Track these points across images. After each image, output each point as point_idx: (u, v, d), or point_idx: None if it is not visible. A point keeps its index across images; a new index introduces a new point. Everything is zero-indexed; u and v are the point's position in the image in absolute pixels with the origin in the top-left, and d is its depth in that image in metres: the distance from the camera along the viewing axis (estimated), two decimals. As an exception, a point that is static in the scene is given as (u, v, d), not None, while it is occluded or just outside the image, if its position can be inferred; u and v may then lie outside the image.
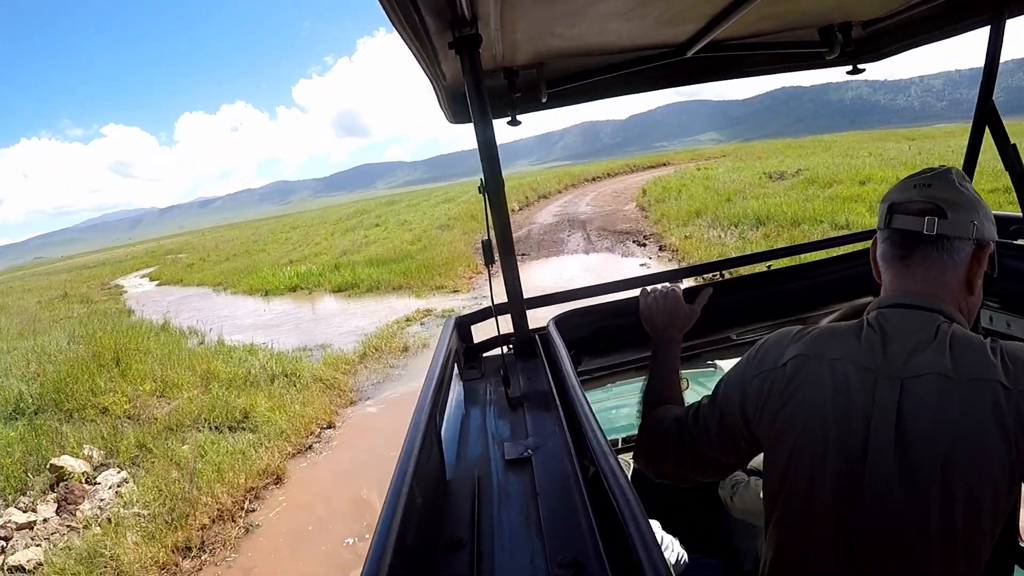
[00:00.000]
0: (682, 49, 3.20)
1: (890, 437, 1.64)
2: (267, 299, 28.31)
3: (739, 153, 70.83)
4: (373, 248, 36.50)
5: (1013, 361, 1.61)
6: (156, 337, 19.40)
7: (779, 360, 1.90)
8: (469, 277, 24.38)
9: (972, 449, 1.56)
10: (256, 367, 14.50)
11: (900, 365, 1.69)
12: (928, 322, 1.74)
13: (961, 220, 1.79)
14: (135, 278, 53.10)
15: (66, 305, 37.04)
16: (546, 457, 2.03)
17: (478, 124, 2.57)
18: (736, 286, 3.33)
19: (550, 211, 41.71)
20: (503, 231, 2.77)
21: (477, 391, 2.75)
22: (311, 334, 19.23)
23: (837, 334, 1.86)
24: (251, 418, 11.69)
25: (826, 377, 1.78)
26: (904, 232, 1.85)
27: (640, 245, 25.40)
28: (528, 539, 1.63)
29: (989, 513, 1.60)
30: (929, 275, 1.83)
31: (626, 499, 1.30)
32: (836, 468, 1.72)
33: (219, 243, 72.79)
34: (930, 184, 1.84)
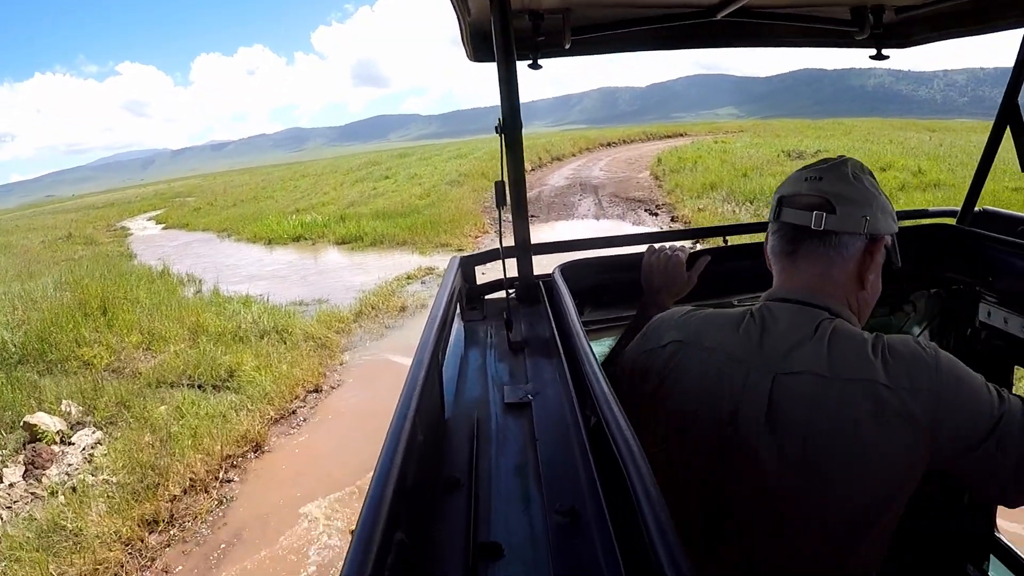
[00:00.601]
0: (713, 11, 3.13)
1: (758, 429, 1.67)
2: (270, 248, 27.95)
3: (757, 129, 70.33)
4: (381, 201, 36.11)
5: (895, 357, 1.61)
6: (151, 285, 19.03)
7: (661, 340, 1.98)
8: (475, 236, 23.96)
9: (847, 447, 1.57)
10: (247, 321, 14.01)
11: (776, 360, 1.71)
12: (810, 317, 1.75)
13: (851, 215, 1.79)
14: (142, 220, 52.55)
15: (69, 246, 36.59)
16: (545, 403, 2.04)
17: (501, 63, 2.59)
18: (738, 254, 3.26)
19: (562, 174, 41.07)
20: (517, 174, 2.79)
21: (478, 332, 2.79)
22: (309, 287, 18.85)
23: (718, 322, 1.90)
24: (236, 377, 11.19)
25: (698, 364, 1.84)
26: (792, 226, 1.85)
27: (652, 214, 25.00)
28: (525, 484, 1.64)
29: (876, 506, 1.62)
30: (815, 271, 1.84)
31: (629, 449, 1.26)
32: (705, 454, 1.78)
33: (228, 188, 72.46)
34: (821, 177, 1.85)
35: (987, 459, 1.55)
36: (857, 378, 1.59)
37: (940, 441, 1.56)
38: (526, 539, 1.47)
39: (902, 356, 1.61)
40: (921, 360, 1.60)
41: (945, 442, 1.56)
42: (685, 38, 3.45)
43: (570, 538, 1.44)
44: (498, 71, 2.61)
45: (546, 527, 1.48)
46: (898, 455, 1.57)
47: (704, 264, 2.78)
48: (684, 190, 27.81)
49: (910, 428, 1.55)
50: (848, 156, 1.94)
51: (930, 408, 1.55)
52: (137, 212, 60.99)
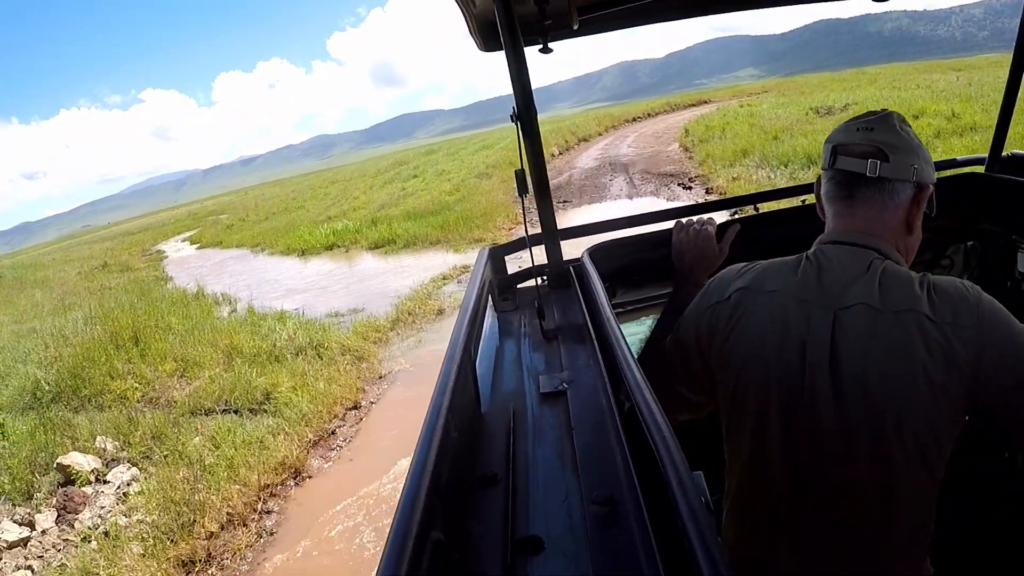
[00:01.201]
0: None
1: (824, 362, 1.71)
2: (303, 259, 27.75)
3: (781, 88, 70.26)
4: (411, 201, 35.93)
5: (939, 294, 1.67)
6: (185, 308, 18.75)
7: (724, 293, 2.01)
8: (508, 228, 23.60)
9: (901, 376, 1.63)
10: (282, 339, 13.62)
11: (833, 296, 1.77)
12: (862, 258, 1.82)
13: (902, 163, 1.86)
14: (176, 242, 53.04)
15: (105, 275, 36.57)
16: (581, 391, 2.03)
17: (509, 51, 2.57)
18: (769, 221, 3.29)
19: (591, 155, 40.71)
20: (536, 160, 2.77)
21: (511, 323, 2.77)
22: (345, 297, 18.51)
23: (777, 268, 1.96)
24: (272, 399, 10.77)
25: (764, 308, 1.88)
26: (848, 173, 1.91)
27: (685, 188, 24.44)
28: (563, 475, 1.63)
29: (929, 441, 1.65)
30: (870, 215, 1.90)
31: (662, 436, 1.29)
32: (777, 395, 1.80)
33: (258, 202, 72.73)
34: (872, 128, 1.89)
35: None
36: (904, 309, 1.66)
37: (980, 380, 1.61)
38: (565, 531, 1.45)
39: (947, 293, 1.67)
40: (964, 299, 1.67)
41: (985, 381, 1.61)
42: (693, 6, 3.41)
43: (608, 528, 1.43)
44: (507, 59, 2.59)
45: (584, 518, 1.47)
46: (943, 388, 1.61)
47: (734, 233, 2.79)
48: (716, 160, 27.18)
49: (953, 365, 1.60)
50: (889, 109, 1.97)
51: (972, 346, 1.61)
52: (171, 234, 61.43)
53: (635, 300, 3.27)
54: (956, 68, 57.90)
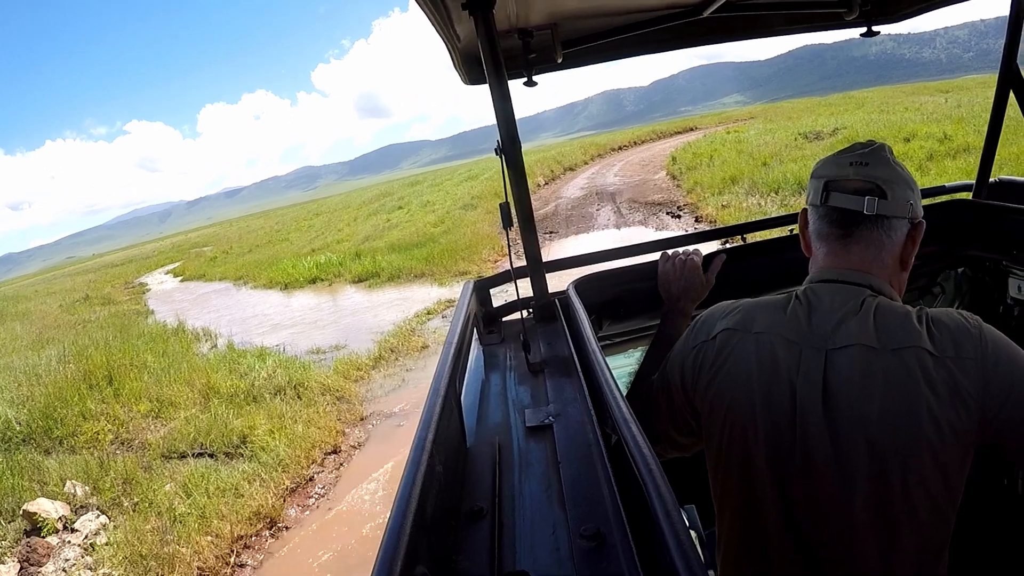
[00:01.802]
0: (698, 8, 3.18)
1: (817, 407, 1.67)
2: (286, 293, 27.64)
3: (768, 114, 70.59)
4: (395, 232, 35.92)
5: (939, 328, 1.63)
6: (164, 344, 18.47)
7: (710, 333, 1.95)
8: (494, 260, 23.37)
9: (902, 419, 1.57)
10: (261, 378, 13.24)
11: (824, 336, 1.72)
12: (854, 295, 1.77)
13: (899, 199, 1.81)
14: (159, 274, 52.98)
15: (87, 308, 36.28)
16: (567, 424, 2.03)
17: (493, 85, 2.57)
18: (756, 251, 3.25)
19: (577, 184, 40.84)
20: (521, 193, 2.77)
21: (497, 356, 2.77)
22: (326, 333, 18.24)
23: (764, 307, 1.90)
24: (249, 442, 10.36)
25: (751, 349, 1.82)
26: (843, 211, 1.85)
27: (674, 216, 24.34)
28: (550, 509, 1.62)
29: (937, 482, 1.59)
30: (866, 254, 1.84)
31: (648, 468, 1.28)
32: (766, 440, 1.75)
33: (242, 234, 72.98)
34: (866, 163, 1.84)
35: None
36: (904, 346, 1.60)
37: (989, 414, 1.56)
38: (552, 565, 1.44)
39: (946, 326, 1.63)
40: (965, 331, 1.62)
41: (994, 415, 1.55)
42: (675, 39, 3.51)
43: (596, 562, 1.41)
44: (491, 93, 2.59)
45: (571, 552, 1.45)
46: (950, 425, 1.55)
47: (720, 263, 2.79)
48: (704, 187, 27.25)
49: (959, 400, 1.54)
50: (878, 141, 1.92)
51: (978, 379, 1.56)
52: (155, 267, 61.48)
53: (621, 332, 3.30)
54: (943, 90, 58.78)
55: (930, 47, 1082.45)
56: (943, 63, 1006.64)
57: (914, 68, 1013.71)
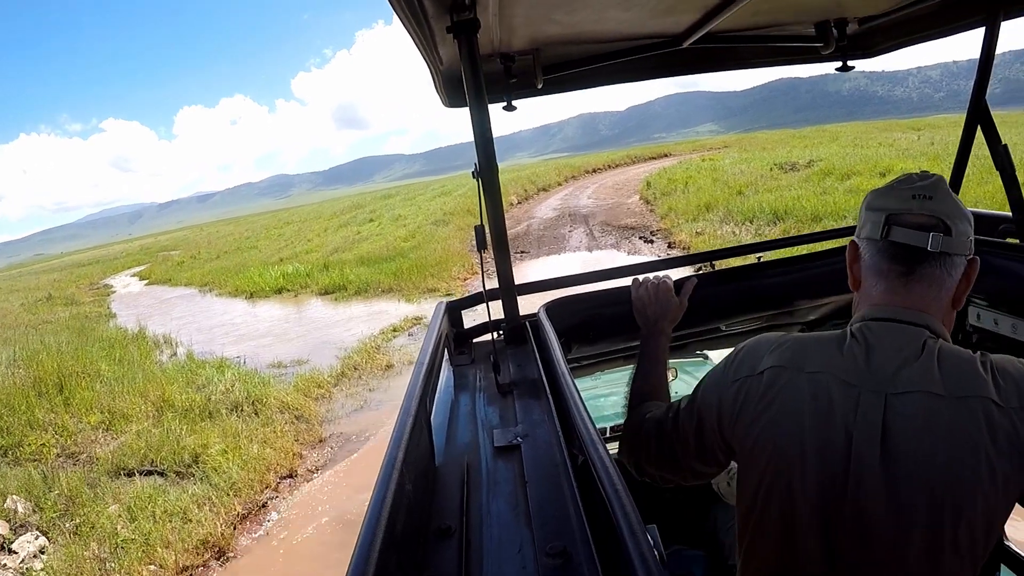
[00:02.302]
0: (679, 39, 3.26)
1: (875, 454, 1.57)
2: (252, 302, 27.41)
3: (742, 143, 71.24)
4: (365, 245, 35.79)
5: (1004, 377, 1.55)
6: (124, 349, 18.14)
7: (756, 368, 1.82)
8: (464, 278, 23.18)
9: (964, 469, 1.50)
10: (219, 392, 12.84)
11: (885, 380, 1.61)
12: (915, 337, 1.67)
13: (961, 235, 1.72)
14: (125, 277, 52.72)
15: (49, 308, 35.89)
16: (535, 445, 2.03)
17: (474, 109, 2.58)
18: (725, 277, 3.31)
19: (550, 204, 41.06)
20: (496, 216, 2.79)
21: (467, 377, 2.77)
22: (289, 346, 17.89)
23: (818, 345, 1.77)
24: (201, 462, 9.92)
25: (804, 390, 1.70)
26: (906, 247, 1.74)
27: (647, 241, 24.36)
28: (517, 528, 1.63)
29: (982, 532, 1.54)
30: (928, 293, 1.74)
31: (615, 489, 1.29)
32: (816, 486, 1.64)
33: (212, 239, 72.74)
34: (931, 196, 1.74)
35: None
36: (971, 395, 1.52)
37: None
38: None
39: (1011, 375, 1.54)
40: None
41: None
42: (655, 68, 3.55)
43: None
44: (471, 116, 2.60)
45: (537, 571, 1.45)
46: (1005, 478, 1.48)
47: (692, 287, 2.77)
48: (678, 213, 27.41)
49: (1017, 451, 1.47)
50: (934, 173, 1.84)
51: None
52: (121, 268, 61.02)
53: (589, 355, 3.38)
54: (915, 127, 59.35)
55: (903, 86, 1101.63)
56: (914, 101, 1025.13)
57: (886, 105, 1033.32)
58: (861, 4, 3.23)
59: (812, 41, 3.49)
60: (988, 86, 3.25)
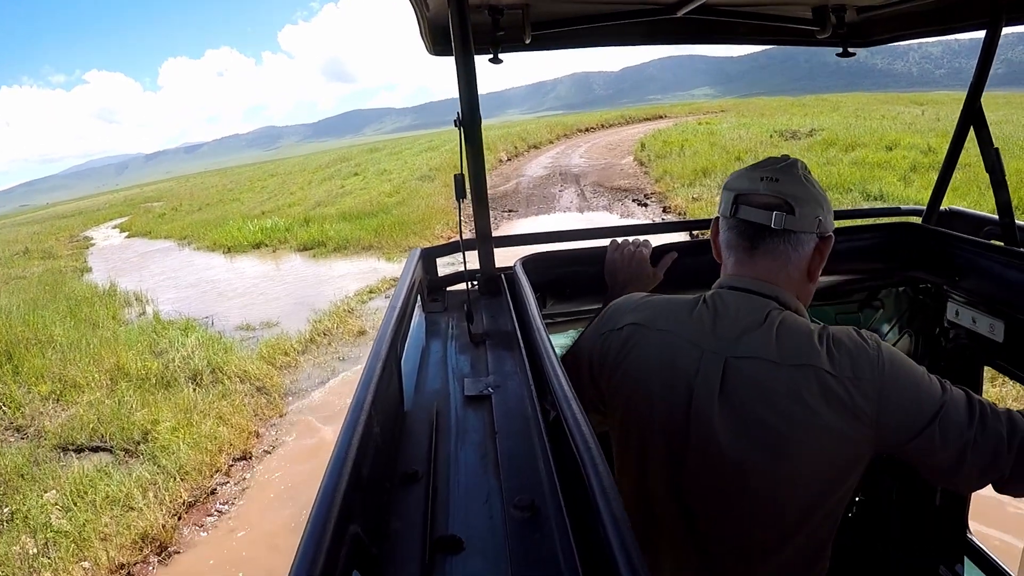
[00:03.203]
0: (673, 8, 3.17)
1: (712, 409, 1.72)
2: (229, 256, 26.73)
3: (739, 108, 70.91)
4: (348, 200, 35.28)
5: (838, 347, 1.68)
6: (90, 307, 17.72)
7: (618, 324, 2.01)
8: (447, 237, 22.60)
9: (796, 424, 1.63)
10: (178, 359, 12.07)
11: (727, 344, 1.77)
12: (760, 307, 1.81)
13: (807, 215, 1.85)
14: (106, 229, 51.86)
15: (25, 262, 35.08)
16: (506, 397, 2.02)
17: (459, 58, 2.58)
18: (704, 248, 2.73)
19: (540, 163, 40.42)
20: (476, 166, 2.78)
21: (439, 324, 2.78)
22: (260, 306, 17.21)
23: (672, 307, 1.95)
24: (151, 438, 9.14)
25: (655, 345, 1.88)
26: (751, 224, 1.89)
27: (641, 205, 23.94)
28: (485, 478, 1.63)
29: (818, 488, 1.69)
30: (772, 265, 1.88)
31: (587, 445, 1.29)
32: (662, 433, 1.83)
33: (195, 191, 71.99)
34: (778, 179, 1.88)
35: (929, 446, 1.63)
36: (803, 364, 1.65)
37: (883, 430, 1.63)
38: (485, 533, 1.44)
39: (845, 346, 1.67)
40: (863, 351, 1.67)
41: (887, 430, 1.63)
42: (646, 34, 3.50)
43: (529, 532, 1.42)
44: (456, 66, 2.59)
45: (505, 521, 1.45)
46: (843, 440, 1.62)
47: (670, 260, 2.82)
48: (674, 177, 26.90)
49: (854, 418, 1.61)
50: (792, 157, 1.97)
51: (873, 399, 1.62)
52: (103, 220, 60.22)
53: (564, 312, 3.29)
54: (918, 102, 58.83)
55: (903, 60, 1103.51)
56: (914, 76, 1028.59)
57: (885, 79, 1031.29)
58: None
59: (809, 24, 3.50)
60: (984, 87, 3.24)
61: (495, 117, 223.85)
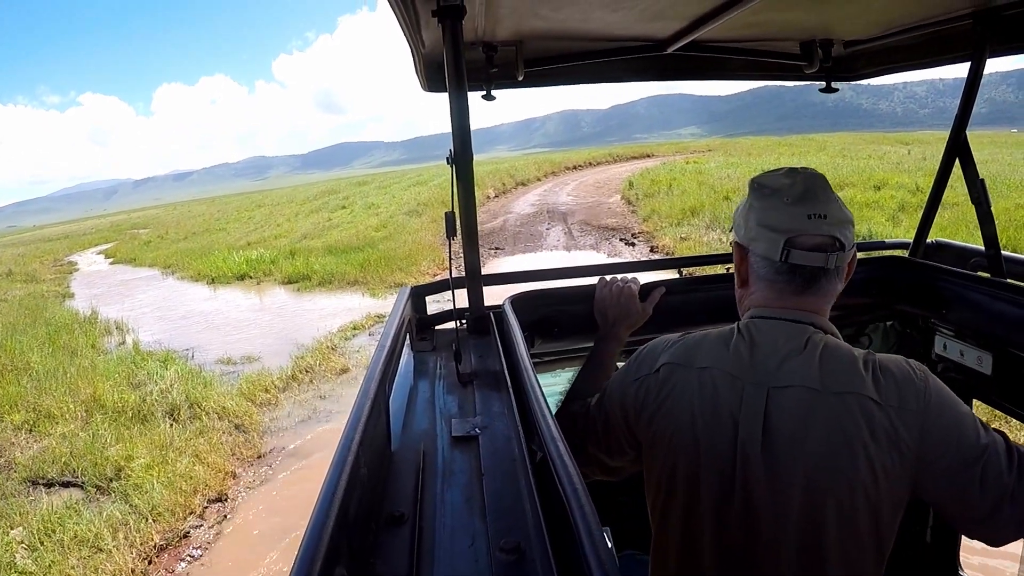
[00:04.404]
0: (663, 45, 3.33)
1: (757, 443, 1.67)
2: (213, 287, 26.44)
3: (726, 148, 72.19)
4: (335, 233, 35.28)
5: (885, 375, 1.63)
6: (70, 334, 17.54)
7: (653, 366, 1.94)
8: (433, 274, 22.45)
9: (840, 460, 1.58)
10: (156, 392, 11.82)
11: (768, 373, 1.71)
12: (798, 333, 1.76)
13: (849, 242, 1.80)
14: (91, 254, 51.55)
15: (8, 284, 34.89)
16: (493, 437, 2.02)
17: (453, 95, 2.59)
18: (692, 285, 3.27)
19: (528, 200, 40.59)
20: (468, 204, 2.79)
21: (427, 364, 2.77)
22: (241, 340, 16.89)
23: (708, 342, 1.88)
24: (124, 475, 8.86)
25: (694, 384, 1.81)
26: (804, 268, 1.80)
27: (628, 244, 23.87)
28: (471, 519, 1.61)
29: (866, 522, 1.62)
30: (819, 301, 1.83)
31: (574, 488, 1.29)
32: (708, 477, 1.75)
33: (182, 219, 71.98)
34: (825, 215, 1.79)
35: (968, 489, 1.57)
36: (848, 391, 1.61)
37: (924, 464, 1.58)
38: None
39: (892, 375, 1.63)
40: (910, 380, 1.63)
41: (929, 466, 1.59)
42: (637, 72, 3.64)
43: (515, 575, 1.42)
44: (450, 103, 2.59)
45: (491, 564, 1.44)
46: (887, 476, 1.57)
47: (659, 296, 2.81)
48: (662, 216, 27.09)
49: (897, 449, 1.57)
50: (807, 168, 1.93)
51: (916, 429, 1.58)
52: (89, 245, 60.01)
53: (552, 352, 3.30)
54: (904, 142, 60.31)
55: (887, 100, 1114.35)
56: (899, 116, 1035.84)
57: (870, 118, 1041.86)
58: (848, 27, 3.35)
59: (797, 59, 3.61)
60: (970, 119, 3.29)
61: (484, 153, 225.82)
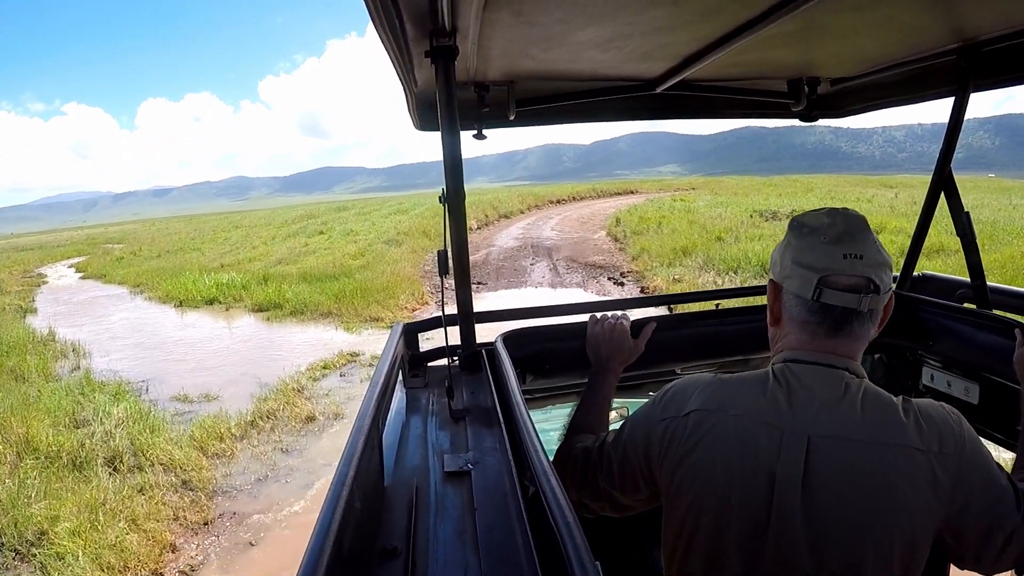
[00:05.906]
0: (652, 84, 3.42)
1: (796, 495, 1.63)
2: (180, 311, 25.50)
3: (710, 186, 72.84)
4: (311, 259, 34.54)
5: (927, 421, 1.63)
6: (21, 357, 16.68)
7: (682, 409, 1.88)
8: (412, 309, 21.47)
9: (883, 514, 1.57)
10: (99, 434, 10.56)
11: (807, 421, 1.67)
12: (836, 379, 1.72)
13: (886, 285, 1.77)
14: (62, 267, 51.07)
15: (-28, 295, 33.77)
16: (485, 473, 2.06)
17: (445, 134, 2.63)
18: (683, 322, 3.39)
19: (511, 233, 40.21)
20: (460, 242, 2.85)
21: (420, 400, 2.80)
22: (202, 374, 15.68)
23: (743, 387, 1.82)
24: (47, 541, 7.62)
25: (730, 434, 1.75)
26: (835, 308, 1.76)
27: (617, 284, 23.20)
28: (463, 554, 1.64)
29: (901, 568, 1.61)
30: (854, 345, 1.79)
31: (567, 523, 1.30)
32: (740, 527, 1.70)
33: (158, 236, 71.76)
34: (862, 256, 1.76)
35: (986, 530, 1.59)
36: (894, 443, 1.60)
37: (953, 506, 1.58)
38: None
39: (933, 421, 1.63)
40: (948, 425, 1.64)
41: (956, 508, 1.59)
42: (627, 110, 3.70)
43: None
44: (442, 142, 2.63)
45: None
46: (924, 517, 1.58)
47: (651, 331, 2.80)
48: (652, 256, 26.51)
49: (933, 491, 1.57)
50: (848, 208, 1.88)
51: (952, 473, 1.58)
52: (62, 257, 59.69)
53: (544, 388, 3.34)
54: (888, 185, 61.12)
55: (866, 143, 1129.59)
56: (876, 159, 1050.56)
57: (849, 161, 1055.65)
58: (834, 65, 3.38)
59: (784, 97, 3.66)
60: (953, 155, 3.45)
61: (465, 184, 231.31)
